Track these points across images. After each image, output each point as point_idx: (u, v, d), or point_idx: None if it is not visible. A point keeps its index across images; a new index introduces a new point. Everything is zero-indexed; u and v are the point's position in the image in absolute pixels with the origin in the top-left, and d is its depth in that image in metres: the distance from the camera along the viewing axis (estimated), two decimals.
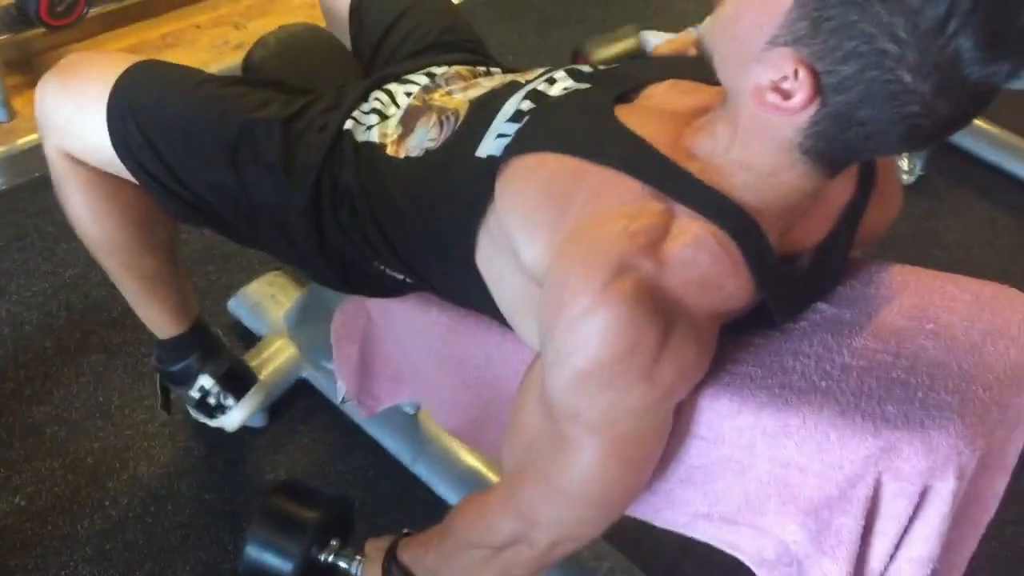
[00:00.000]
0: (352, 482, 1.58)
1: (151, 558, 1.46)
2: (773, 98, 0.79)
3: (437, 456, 1.57)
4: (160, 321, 1.41)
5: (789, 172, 0.85)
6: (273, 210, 1.15)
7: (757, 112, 0.82)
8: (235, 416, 1.50)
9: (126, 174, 1.19)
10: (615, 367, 0.82)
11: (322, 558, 1.19)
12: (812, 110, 0.78)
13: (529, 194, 0.92)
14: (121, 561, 1.45)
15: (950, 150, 2.43)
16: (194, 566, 1.45)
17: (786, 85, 0.78)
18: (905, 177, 2.32)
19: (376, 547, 1.18)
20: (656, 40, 2.66)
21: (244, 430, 1.61)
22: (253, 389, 1.52)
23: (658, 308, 0.81)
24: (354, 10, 1.39)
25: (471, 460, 1.56)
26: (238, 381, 1.50)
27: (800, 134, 0.81)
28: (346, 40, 1.42)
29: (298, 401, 1.68)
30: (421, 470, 1.57)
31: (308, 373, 1.67)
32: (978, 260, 2.18)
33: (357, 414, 1.61)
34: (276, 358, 1.66)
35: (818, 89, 0.77)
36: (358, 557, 1.18)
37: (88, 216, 1.25)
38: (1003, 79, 0.73)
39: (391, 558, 1.14)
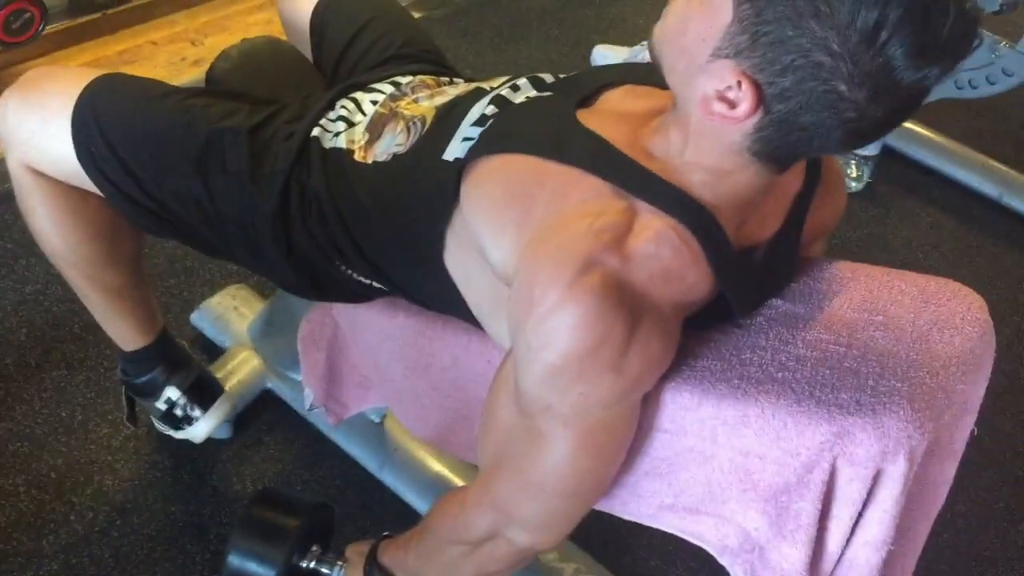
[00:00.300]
0: (319, 491, 1.59)
1: (118, 571, 1.45)
2: (719, 107, 0.83)
3: (403, 463, 1.59)
4: (125, 333, 1.41)
5: (742, 172, 0.89)
6: (240, 218, 1.16)
7: (704, 120, 0.86)
8: (202, 427, 1.51)
9: (91, 186, 1.19)
10: (585, 360, 0.85)
11: (304, 564, 1.20)
12: (756, 118, 0.82)
13: (495, 195, 0.95)
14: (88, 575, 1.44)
15: (896, 158, 2.51)
16: None
17: (731, 95, 0.82)
18: (853, 185, 2.39)
19: (357, 551, 1.19)
20: (609, 54, 2.72)
21: (210, 442, 1.61)
22: (219, 399, 1.52)
23: (624, 301, 0.85)
24: (315, 24, 1.41)
25: (437, 467, 1.58)
26: (204, 392, 1.51)
27: (747, 139, 0.85)
28: (308, 53, 1.44)
29: (263, 412, 1.69)
30: (388, 477, 1.59)
31: (273, 384, 1.68)
32: (924, 263, 2.25)
33: (323, 423, 1.62)
34: (240, 370, 1.67)
35: (761, 99, 0.81)
36: (340, 562, 1.20)
37: (52, 229, 1.26)
38: (934, 82, 0.77)
39: (372, 561, 1.15)
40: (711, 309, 0.95)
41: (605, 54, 2.65)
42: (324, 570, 1.20)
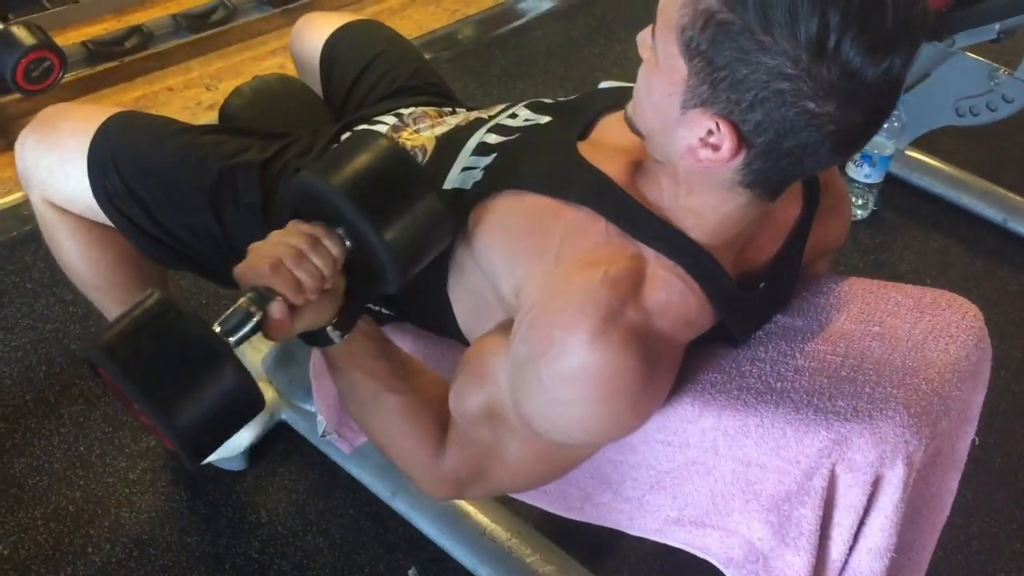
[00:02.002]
0: (332, 521, 1.61)
1: None
2: (705, 153, 0.84)
3: (415, 491, 1.59)
4: None
5: (735, 205, 0.90)
6: None
7: (694, 168, 0.87)
8: (245, 435, 1.54)
9: (108, 221, 1.23)
10: (602, 406, 0.88)
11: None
12: (743, 154, 0.83)
13: (509, 229, 0.98)
14: None
15: (900, 185, 2.53)
16: None
17: (712, 140, 0.83)
18: (859, 213, 2.41)
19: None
20: None
21: (224, 473, 1.64)
22: None
23: (643, 349, 0.88)
24: (324, 60, 1.46)
25: None
26: None
27: (738, 174, 0.86)
28: (318, 89, 1.49)
29: (278, 443, 1.70)
30: (400, 505, 1.60)
31: (287, 415, 1.70)
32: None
33: (337, 452, 1.64)
34: None
35: (741, 135, 0.82)
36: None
37: (81, 261, 1.29)
38: (901, 69, 0.77)
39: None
40: (712, 332, 0.98)
41: None
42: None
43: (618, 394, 0.87)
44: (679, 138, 0.85)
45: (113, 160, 1.19)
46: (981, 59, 2.27)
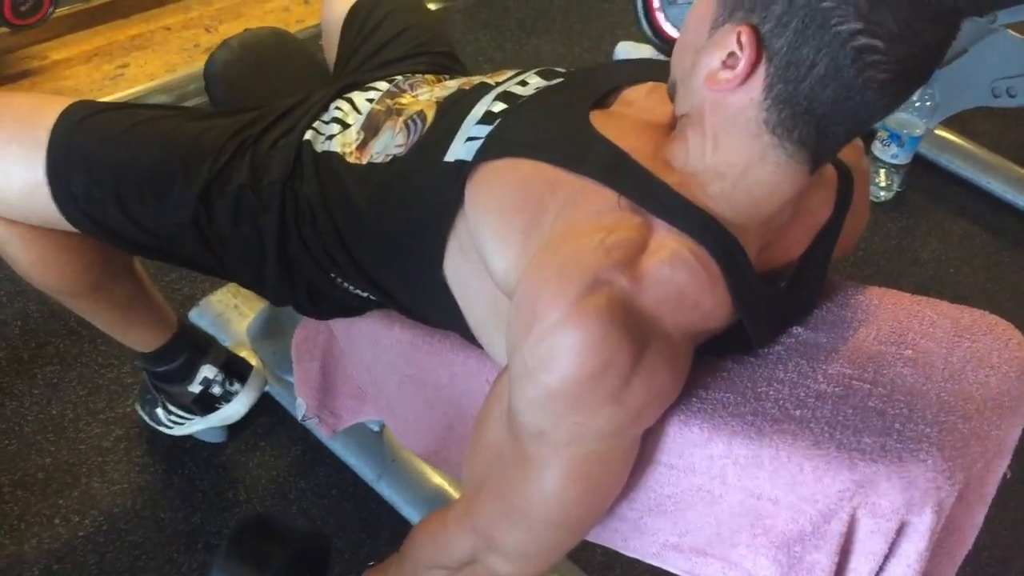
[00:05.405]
0: (313, 501, 1.54)
1: None
2: (724, 75, 0.78)
3: (401, 475, 1.53)
4: (144, 339, 1.37)
5: (763, 165, 0.81)
6: (241, 236, 1.08)
7: (714, 97, 0.80)
8: (243, 400, 1.48)
9: (65, 225, 1.08)
10: (584, 386, 0.78)
11: None
12: (762, 74, 0.77)
13: (502, 199, 0.87)
14: None
15: (928, 167, 2.42)
16: None
17: (732, 60, 0.78)
18: (883, 194, 2.30)
19: None
20: (632, 51, 2.64)
21: (202, 446, 1.57)
22: (254, 372, 1.48)
23: (632, 326, 0.77)
24: (345, 25, 1.34)
25: (436, 480, 1.52)
26: (237, 367, 1.47)
27: (762, 109, 0.78)
28: (333, 50, 1.37)
29: (260, 416, 1.62)
30: (384, 489, 1.52)
31: (270, 387, 1.62)
32: (955, 278, 2.16)
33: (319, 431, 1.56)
34: None
35: (760, 42, 0.76)
36: None
37: (43, 272, 1.16)
38: None
39: None
40: (726, 336, 0.88)
41: (628, 51, 2.57)
42: None
43: (600, 373, 0.77)
44: (701, 68, 0.80)
45: (80, 160, 1.04)
46: (1023, 38, 2.14)
